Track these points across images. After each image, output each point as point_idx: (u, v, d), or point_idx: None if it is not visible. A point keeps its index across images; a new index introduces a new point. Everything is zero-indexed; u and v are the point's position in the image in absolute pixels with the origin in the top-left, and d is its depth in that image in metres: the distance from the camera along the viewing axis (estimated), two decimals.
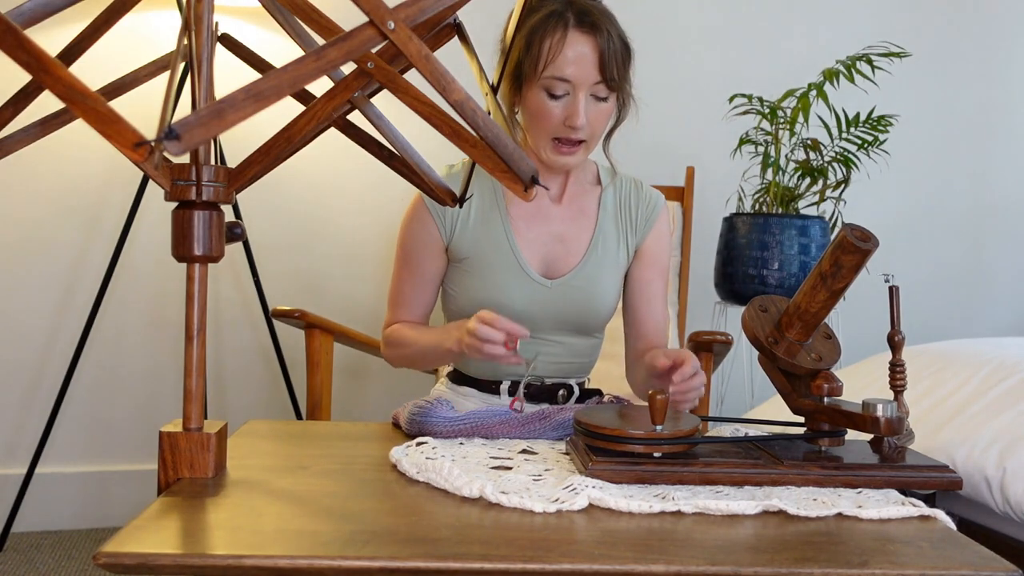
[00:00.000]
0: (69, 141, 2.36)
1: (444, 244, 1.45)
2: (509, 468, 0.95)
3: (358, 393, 2.65)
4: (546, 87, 1.35)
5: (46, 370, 2.44)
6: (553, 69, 1.33)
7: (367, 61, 0.79)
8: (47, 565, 2.19)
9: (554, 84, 1.34)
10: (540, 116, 1.36)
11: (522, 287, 1.43)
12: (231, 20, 2.46)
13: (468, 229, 1.44)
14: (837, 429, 1.01)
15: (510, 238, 1.43)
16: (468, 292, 1.45)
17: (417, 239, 1.46)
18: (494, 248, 1.43)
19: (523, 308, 1.42)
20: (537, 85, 1.35)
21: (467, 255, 1.44)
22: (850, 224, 0.98)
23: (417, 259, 1.46)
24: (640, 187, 1.52)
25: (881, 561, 0.72)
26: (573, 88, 1.34)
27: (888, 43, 2.42)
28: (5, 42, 0.63)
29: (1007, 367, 1.87)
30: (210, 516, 0.77)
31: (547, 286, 1.44)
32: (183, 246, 0.84)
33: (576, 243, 1.47)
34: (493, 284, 1.43)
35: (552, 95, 1.35)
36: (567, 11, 1.35)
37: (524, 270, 1.43)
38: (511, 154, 0.82)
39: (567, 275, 1.45)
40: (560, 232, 1.46)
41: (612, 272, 1.47)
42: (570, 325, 1.46)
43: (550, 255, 1.46)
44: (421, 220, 1.45)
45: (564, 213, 1.47)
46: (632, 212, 1.50)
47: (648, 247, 1.50)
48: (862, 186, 2.67)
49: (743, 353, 2.63)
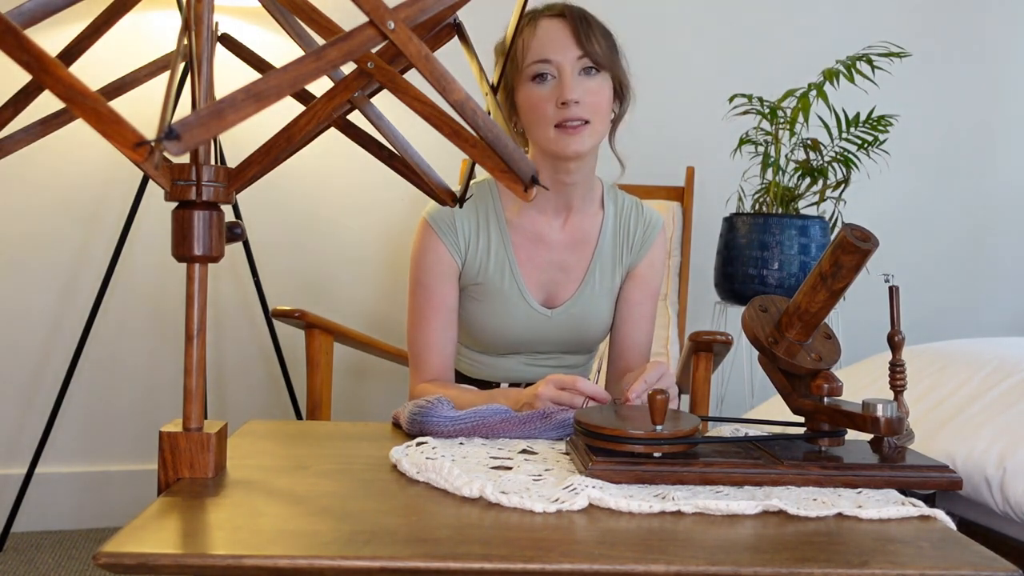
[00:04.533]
0: (69, 141, 2.36)
1: (459, 268, 1.42)
2: (509, 468, 0.95)
3: (358, 393, 2.65)
4: (531, 75, 1.35)
5: (46, 370, 2.44)
6: (532, 55, 1.34)
7: (367, 61, 0.79)
8: (47, 565, 2.19)
9: (537, 68, 1.34)
10: (534, 106, 1.35)
11: (522, 315, 1.43)
12: (231, 20, 2.47)
13: (476, 253, 1.42)
14: (837, 429, 1.01)
15: (512, 266, 1.42)
16: (470, 316, 1.45)
17: (432, 270, 1.41)
18: (498, 275, 1.42)
19: (522, 335, 1.44)
20: (524, 80, 1.35)
21: (473, 280, 1.43)
22: (850, 224, 0.98)
23: (439, 292, 1.41)
24: (641, 209, 1.51)
25: (881, 561, 0.72)
26: (558, 69, 1.34)
27: (888, 43, 2.42)
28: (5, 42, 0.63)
29: (1007, 367, 1.87)
30: (210, 516, 0.77)
31: (547, 315, 1.44)
32: (183, 246, 0.84)
33: (575, 271, 1.46)
34: (494, 311, 1.43)
35: (540, 81, 1.34)
36: (536, 8, 1.38)
37: (525, 299, 1.43)
38: (511, 154, 0.82)
39: (565, 303, 1.45)
40: (560, 260, 1.45)
41: (607, 298, 1.48)
42: (565, 347, 1.48)
43: (550, 283, 1.46)
44: (433, 249, 1.41)
45: (565, 239, 1.46)
46: (630, 234, 1.49)
47: (641, 270, 1.50)
48: (862, 186, 2.67)
49: (743, 353, 2.63)
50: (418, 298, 1.42)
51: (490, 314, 1.43)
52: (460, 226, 1.41)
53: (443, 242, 1.40)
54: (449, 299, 1.42)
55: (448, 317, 1.42)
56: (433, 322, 1.41)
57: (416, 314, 1.42)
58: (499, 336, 1.45)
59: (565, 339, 1.46)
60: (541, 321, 1.44)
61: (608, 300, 1.48)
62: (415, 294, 1.42)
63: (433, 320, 1.41)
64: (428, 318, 1.41)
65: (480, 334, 1.46)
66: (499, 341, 1.45)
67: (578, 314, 1.45)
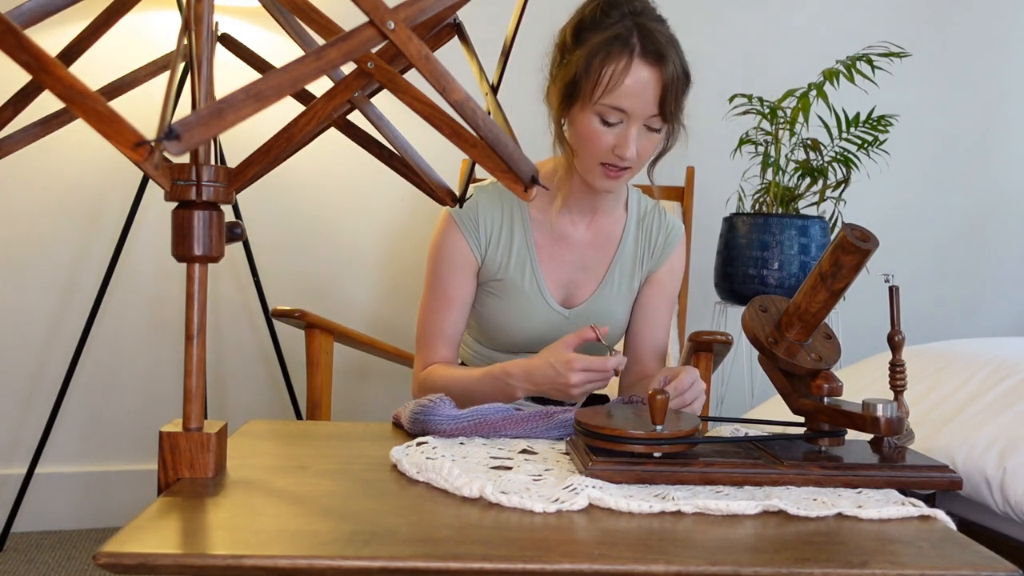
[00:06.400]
0: (69, 141, 2.36)
1: (478, 264, 1.42)
2: (509, 468, 0.95)
3: (358, 393, 2.65)
4: (600, 113, 1.30)
5: (46, 370, 2.44)
6: (610, 99, 1.28)
7: (367, 61, 0.79)
8: (47, 565, 2.19)
9: (609, 112, 1.29)
10: (589, 140, 1.32)
11: (540, 314, 1.44)
12: (231, 20, 2.47)
13: (498, 250, 1.42)
14: (837, 429, 1.01)
15: (534, 264, 1.42)
16: (487, 312, 1.45)
17: (451, 263, 1.41)
18: (518, 272, 1.42)
19: (539, 333, 1.44)
20: (591, 109, 1.30)
21: (493, 276, 1.43)
22: (850, 224, 0.98)
23: (454, 284, 1.42)
24: (663, 215, 1.51)
25: (881, 561, 0.72)
26: (627, 118, 1.29)
27: (888, 43, 2.42)
28: (5, 42, 0.63)
29: (1007, 367, 1.87)
30: (210, 516, 0.77)
31: (565, 315, 1.45)
32: (183, 246, 0.84)
33: (595, 271, 1.47)
34: (512, 308, 1.43)
35: (605, 122, 1.30)
36: (632, 36, 1.28)
37: (544, 298, 1.43)
38: (511, 154, 0.82)
39: (583, 303, 1.45)
40: (582, 260, 1.46)
41: (625, 300, 1.49)
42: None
43: (570, 283, 1.46)
44: (454, 243, 1.41)
45: (587, 240, 1.46)
46: (652, 239, 1.49)
47: (661, 275, 1.50)
48: (862, 186, 2.67)
49: (743, 353, 2.63)
50: (433, 288, 1.43)
51: (508, 311, 1.43)
52: (483, 222, 1.41)
53: (464, 237, 1.40)
54: (463, 292, 1.42)
55: (460, 310, 1.43)
56: (445, 312, 1.42)
57: (429, 304, 1.44)
58: (515, 334, 1.45)
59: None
60: (558, 320, 1.44)
61: (625, 303, 1.49)
62: (431, 284, 1.43)
63: (446, 311, 1.42)
64: (441, 309, 1.42)
65: (496, 331, 1.46)
66: (515, 339, 1.45)
67: (595, 314, 1.45)
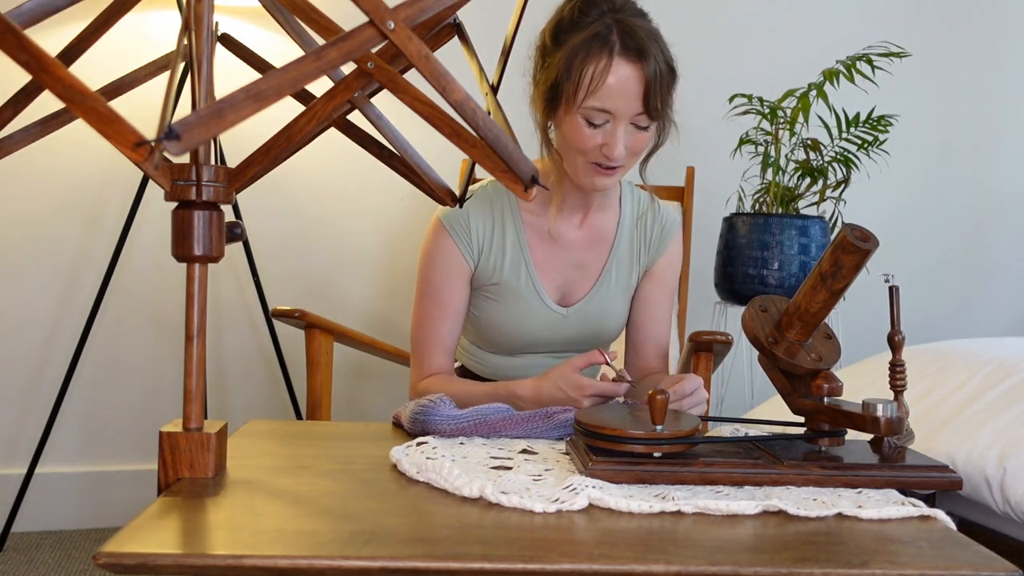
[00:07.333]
0: (69, 141, 2.36)
1: (471, 270, 1.41)
2: (509, 468, 0.95)
3: (358, 393, 2.65)
4: (585, 116, 1.28)
5: (46, 370, 2.44)
6: (594, 100, 1.26)
7: (367, 61, 0.79)
8: (47, 565, 2.19)
9: (594, 114, 1.27)
10: (576, 142, 1.31)
11: (538, 314, 1.43)
12: (231, 20, 2.47)
13: (491, 255, 1.41)
14: (837, 429, 1.01)
15: (528, 265, 1.42)
16: (485, 316, 1.45)
17: (443, 270, 1.40)
18: (514, 274, 1.42)
19: (538, 334, 1.44)
20: (576, 112, 1.28)
21: (489, 280, 1.42)
22: (850, 224, 0.98)
23: (447, 292, 1.40)
24: (658, 207, 1.50)
25: (881, 561, 0.72)
26: (613, 118, 1.28)
27: (888, 43, 2.42)
28: (5, 42, 0.63)
29: (1007, 367, 1.87)
30: (210, 516, 0.77)
31: (563, 315, 1.44)
32: (183, 246, 0.84)
33: (591, 269, 1.46)
34: (510, 311, 1.43)
35: (591, 123, 1.28)
36: (612, 33, 1.26)
37: (541, 298, 1.43)
38: (511, 154, 0.82)
39: (581, 301, 1.45)
40: (577, 259, 1.45)
41: (623, 296, 1.48)
42: (579, 346, 1.47)
43: (567, 282, 1.45)
44: (446, 250, 1.39)
45: (582, 237, 1.45)
46: (647, 231, 1.48)
47: (659, 267, 1.49)
48: (862, 186, 2.67)
49: (743, 353, 2.63)
50: (426, 297, 1.41)
51: (506, 314, 1.43)
52: (474, 227, 1.40)
53: (456, 243, 1.39)
54: (457, 300, 1.41)
55: (455, 318, 1.41)
56: (439, 322, 1.40)
57: (422, 312, 1.42)
58: (514, 335, 1.44)
59: (580, 337, 1.46)
60: (557, 320, 1.44)
61: (624, 298, 1.48)
62: (423, 292, 1.41)
63: (440, 320, 1.40)
64: (435, 317, 1.40)
65: (495, 334, 1.46)
66: (514, 340, 1.45)
67: (593, 312, 1.44)
